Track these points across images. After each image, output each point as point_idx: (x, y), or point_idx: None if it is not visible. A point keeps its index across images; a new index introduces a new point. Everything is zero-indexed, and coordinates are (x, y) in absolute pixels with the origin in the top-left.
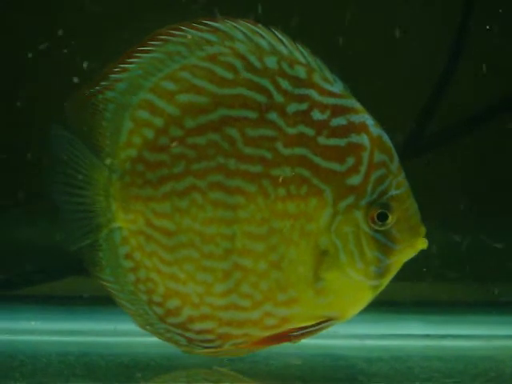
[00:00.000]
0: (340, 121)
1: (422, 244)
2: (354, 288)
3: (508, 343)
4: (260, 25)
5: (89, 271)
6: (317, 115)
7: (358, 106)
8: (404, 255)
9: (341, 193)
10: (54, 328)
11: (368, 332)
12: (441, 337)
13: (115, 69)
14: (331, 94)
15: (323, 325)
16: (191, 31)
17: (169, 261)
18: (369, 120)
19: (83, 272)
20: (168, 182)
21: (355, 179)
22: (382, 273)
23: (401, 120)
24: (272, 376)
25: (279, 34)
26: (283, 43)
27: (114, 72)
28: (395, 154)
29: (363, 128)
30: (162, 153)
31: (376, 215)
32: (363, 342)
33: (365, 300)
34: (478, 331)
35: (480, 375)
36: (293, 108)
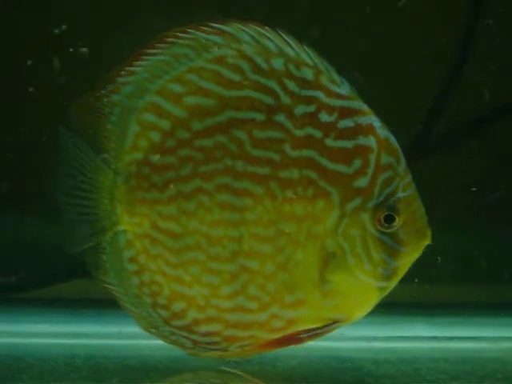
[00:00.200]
0: (347, 123)
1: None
2: (361, 290)
3: None
4: (267, 27)
5: (92, 274)
6: (324, 117)
7: (365, 108)
8: (411, 257)
9: (348, 195)
10: (62, 331)
11: (375, 334)
12: (448, 338)
13: (121, 72)
14: (338, 96)
15: (330, 327)
16: (198, 33)
17: (174, 263)
18: (376, 122)
19: (89, 274)
20: (175, 185)
21: (362, 181)
22: (389, 275)
23: (407, 122)
24: (279, 378)
25: (286, 36)
26: (290, 45)
27: (121, 75)
28: (402, 156)
29: (370, 130)
30: (169, 155)
31: (383, 217)
32: (370, 344)
33: (371, 302)
34: (485, 333)
35: (487, 377)
36: (300, 110)
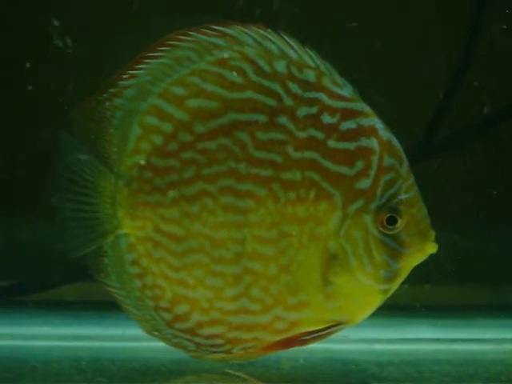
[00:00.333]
0: (350, 124)
1: (432, 248)
2: (364, 292)
3: None
4: (269, 29)
5: (94, 277)
6: (327, 119)
7: (368, 110)
8: (413, 259)
9: (350, 196)
10: (65, 333)
11: (378, 336)
12: (451, 341)
13: (123, 75)
14: (341, 98)
15: (333, 329)
16: (200, 36)
17: (177, 266)
18: (378, 124)
19: (91, 277)
20: (177, 188)
21: (364, 183)
22: (392, 277)
23: (410, 124)
24: (283, 380)
25: (288, 39)
26: (292, 47)
27: (122, 79)
28: (405, 158)
29: (373, 132)
30: (171, 158)
31: (385, 219)
32: (373, 347)
33: (374, 304)
34: (489, 335)
35: (491, 379)
36: (303, 112)
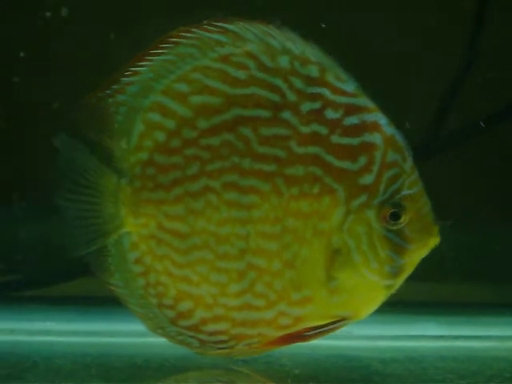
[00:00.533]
0: (353, 120)
1: (435, 243)
2: (368, 287)
3: None
4: (271, 25)
5: (97, 276)
6: (330, 114)
7: (371, 105)
8: (417, 255)
9: (353, 192)
10: (68, 329)
11: (382, 333)
12: (455, 337)
13: (126, 72)
14: (344, 93)
15: (337, 324)
16: (202, 33)
17: (181, 263)
18: (382, 119)
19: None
20: (181, 184)
21: (368, 178)
22: (396, 272)
23: (414, 119)
24: (286, 376)
25: (290, 34)
26: (295, 43)
27: (125, 75)
28: (408, 154)
29: (376, 127)
30: (175, 155)
31: (388, 215)
32: (377, 343)
33: (378, 299)
34: (492, 332)
35: (495, 376)
36: (306, 107)
